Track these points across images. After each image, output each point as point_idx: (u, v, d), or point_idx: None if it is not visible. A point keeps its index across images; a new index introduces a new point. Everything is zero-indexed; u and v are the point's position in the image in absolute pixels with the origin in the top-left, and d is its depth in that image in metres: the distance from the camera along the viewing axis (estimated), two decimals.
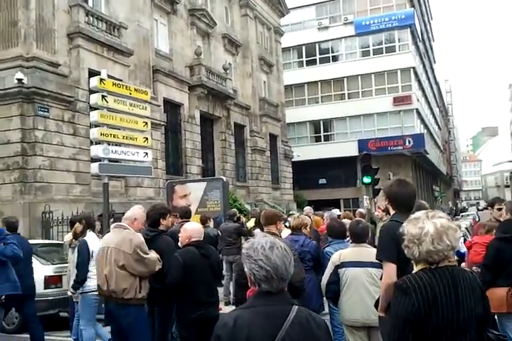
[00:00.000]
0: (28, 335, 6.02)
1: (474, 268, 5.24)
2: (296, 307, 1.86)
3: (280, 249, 1.89)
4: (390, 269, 3.04)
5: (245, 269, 1.90)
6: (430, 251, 2.17)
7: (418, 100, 36.74)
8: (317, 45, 37.96)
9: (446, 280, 2.18)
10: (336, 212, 14.53)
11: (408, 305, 2.12)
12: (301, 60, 38.73)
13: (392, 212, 3.40)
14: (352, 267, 4.26)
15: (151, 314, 4.94)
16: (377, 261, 3.39)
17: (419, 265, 2.26)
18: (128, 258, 4.44)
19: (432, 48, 57.51)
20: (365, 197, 20.69)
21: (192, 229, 4.59)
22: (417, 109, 35.81)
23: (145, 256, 4.48)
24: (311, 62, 38.16)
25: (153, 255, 4.57)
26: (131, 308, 4.47)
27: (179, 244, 4.63)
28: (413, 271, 2.27)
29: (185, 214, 7.31)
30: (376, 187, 15.05)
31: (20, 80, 12.15)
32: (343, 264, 4.29)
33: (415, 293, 2.13)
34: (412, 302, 2.12)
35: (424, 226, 2.22)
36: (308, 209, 10.84)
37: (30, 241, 8.88)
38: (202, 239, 4.59)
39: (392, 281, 2.94)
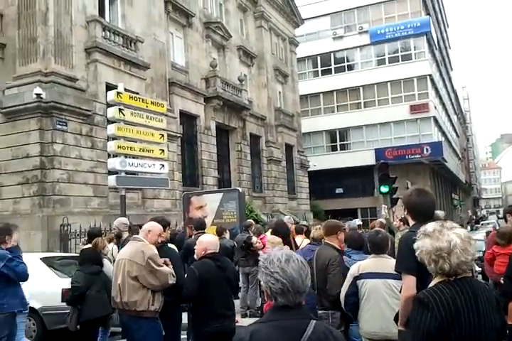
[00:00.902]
0: None
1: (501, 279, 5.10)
2: (314, 321, 1.84)
3: (296, 261, 1.88)
4: (410, 281, 2.96)
5: (261, 282, 1.88)
6: (461, 262, 2.15)
7: (435, 108, 36.44)
8: (332, 54, 38.01)
9: (467, 292, 2.15)
10: (356, 221, 14.39)
11: (431, 319, 2.07)
12: (316, 69, 38.79)
13: (411, 222, 3.33)
14: (371, 278, 4.17)
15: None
16: (397, 273, 3.32)
17: (437, 277, 2.21)
18: (141, 270, 4.43)
19: (448, 55, 57.14)
20: (383, 206, 20.49)
21: (208, 241, 4.58)
22: (434, 117, 35.51)
23: (157, 268, 4.47)
24: (327, 72, 38.19)
25: (166, 268, 4.55)
26: (143, 322, 4.44)
27: (195, 256, 4.62)
28: (431, 284, 2.22)
29: (200, 226, 7.29)
30: (394, 196, 14.89)
31: (38, 95, 12.37)
32: (362, 275, 4.21)
33: (437, 307, 2.08)
34: (435, 317, 2.07)
35: (451, 238, 2.19)
36: (287, 218, 10.72)
37: (48, 254, 8.98)
38: (217, 251, 4.57)
39: (411, 294, 2.87)
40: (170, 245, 5.33)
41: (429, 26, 35.84)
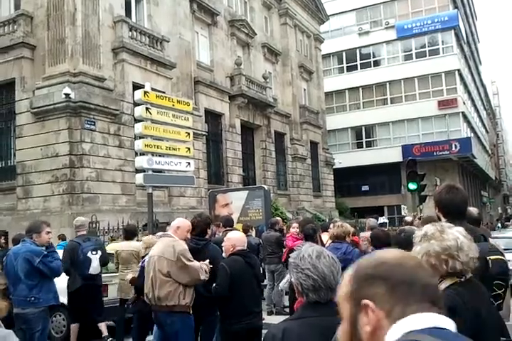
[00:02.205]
0: None
1: None
2: None
3: (328, 257, 1.87)
4: None
5: (292, 279, 1.87)
6: (470, 259, 2.14)
7: (464, 103, 35.70)
8: (358, 50, 37.60)
9: (477, 292, 2.15)
10: (380, 219, 14.23)
11: (459, 324, 2.01)
12: (341, 66, 38.45)
13: (443, 219, 3.26)
14: None
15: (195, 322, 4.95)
16: None
17: (449, 280, 2.16)
18: (171, 265, 4.49)
19: (477, 50, 55.89)
20: (402, 206, 20.18)
21: (236, 238, 4.60)
22: (463, 113, 34.80)
23: (188, 263, 4.50)
24: (352, 68, 37.80)
25: (196, 263, 4.58)
26: (176, 317, 4.49)
27: (223, 254, 4.64)
28: (444, 286, 2.14)
29: (228, 223, 7.33)
30: (422, 193, 14.67)
31: (67, 95, 12.60)
32: None
33: (461, 310, 2.03)
34: (463, 321, 1.98)
35: (456, 236, 2.17)
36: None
37: None
38: (245, 247, 4.59)
39: None
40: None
41: (457, 20, 35.11)
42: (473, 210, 4.47)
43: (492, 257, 2.96)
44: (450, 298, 2.07)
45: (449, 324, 1.18)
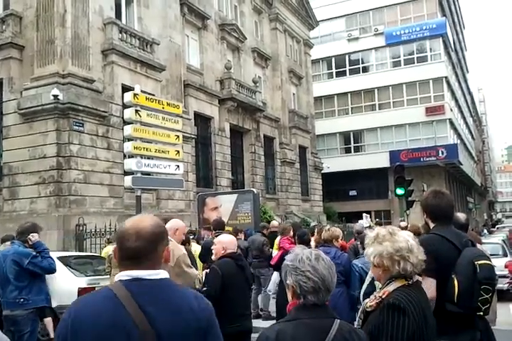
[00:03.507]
0: None
1: None
2: (338, 320, 1.84)
3: (325, 260, 1.90)
4: (430, 284, 2.90)
5: (288, 282, 1.88)
6: (419, 261, 2.22)
7: (451, 110, 36.10)
8: (347, 56, 37.88)
9: (422, 293, 2.23)
10: (364, 223, 14.24)
11: (409, 325, 2.06)
12: (330, 71, 38.69)
13: (431, 224, 3.29)
14: None
15: None
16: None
17: (398, 281, 2.21)
18: (169, 270, 4.37)
19: (464, 57, 56.61)
20: (364, 215, 20.16)
21: (227, 241, 4.57)
22: (450, 119, 35.18)
23: (186, 269, 4.41)
24: (341, 74, 38.06)
25: (194, 271, 4.53)
26: None
27: (213, 256, 4.62)
28: (391, 288, 2.19)
29: (219, 226, 7.31)
30: (409, 198, 14.78)
31: (56, 96, 12.50)
32: None
33: (412, 311, 2.08)
34: (413, 322, 2.07)
35: (407, 238, 2.25)
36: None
37: (65, 254, 9.07)
38: (235, 250, 4.58)
39: (432, 297, 2.84)
40: (195, 245, 5.29)
41: (445, 28, 35.55)
42: (460, 216, 4.50)
43: (480, 262, 2.99)
44: (399, 298, 2.12)
45: (149, 274, 1.71)
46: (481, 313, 2.91)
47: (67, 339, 1.63)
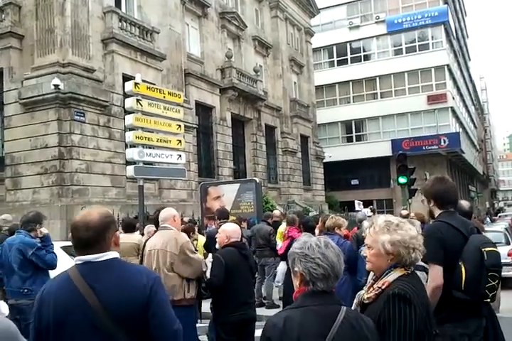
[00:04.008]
0: None
1: None
2: (345, 307, 1.84)
3: (334, 247, 1.90)
4: (438, 272, 2.91)
5: (296, 269, 1.87)
6: (422, 250, 2.21)
7: (453, 98, 35.93)
8: (348, 44, 37.60)
9: (420, 282, 2.22)
10: (366, 212, 14.22)
11: (416, 315, 2.03)
12: (332, 60, 38.44)
13: (437, 211, 3.24)
14: None
15: None
16: (419, 264, 3.28)
17: (399, 270, 2.17)
18: (174, 259, 4.37)
19: (466, 45, 56.16)
20: (356, 202, 20.09)
21: (231, 230, 4.56)
22: (452, 108, 35.02)
23: (191, 255, 4.43)
24: (342, 62, 37.82)
25: (199, 255, 4.55)
26: (181, 311, 4.43)
27: (217, 245, 4.62)
28: (391, 277, 2.16)
29: (223, 215, 7.32)
30: (412, 187, 14.76)
31: (56, 86, 12.44)
32: None
33: (417, 301, 2.06)
34: (419, 312, 2.05)
35: (412, 227, 2.23)
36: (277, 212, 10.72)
37: (68, 243, 9.09)
38: (240, 239, 4.58)
39: (439, 284, 2.83)
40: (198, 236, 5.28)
41: (446, 15, 35.22)
42: (464, 203, 4.46)
43: (487, 249, 2.98)
44: (403, 288, 2.09)
45: (95, 258, 2.04)
46: (488, 300, 2.91)
47: (36, 316, 2.07)
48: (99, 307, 1.94)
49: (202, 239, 7.75)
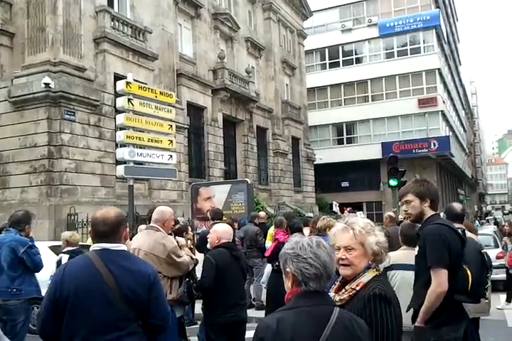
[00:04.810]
0: None
1: None
2: (338, 308, 1.82)
3: (326, 246, 1.89)
4: (444, 276, 2.84)
5: (288, 269, 1.85)
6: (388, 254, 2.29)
7: (444, 102, 36.17)
8: (340, 47, 37.74)
9: (389, 283, 2.31)
10: (359, 215, 14.34)
11: (395, 314, 2.08)
12: (324, 62, 38.55)
13: (429, 212, 3.18)
14: (403, 270, 4.10)
15: None
16: (409, 263, 3.28)
17: (370, 272, 2.19)
18: (161, 262, 4.28)
19: (457, 49, 56.63)
20: (334, 203, 20.12)
21: (222, 231, 4.52)
22: (442, 111, 35.27)
23: (178, 260, 4.38)
24: (334, 65, 37.94)
25: (186, 258, 4.49)
26: None
27: (208, 245, 4.58)
28: (366, 278, 2.17)
29: (217, 216, 7.29)
30: None
31: (47, 85, 12.33)
32: (393, 266, 4.11)
33: (392, 298, 2.11)
34: (398, 311, 2.11)
35: (381, 232, 2.27)
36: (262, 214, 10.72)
37: (56, 243, 9.00)
38: (231, 240, 4.54)
39: (444, 290, 2.79)
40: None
41: (438, 20, 35.49)
42: (456, 206, 4.46)
43: (483, 250, 3.00)
44: (382, 288, 2.11)
45: (112, 246, 2.53)
46: (486, 299, 2.92)
47: (58, 286, 2.46)
48: (115, 289, 2.41)
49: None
